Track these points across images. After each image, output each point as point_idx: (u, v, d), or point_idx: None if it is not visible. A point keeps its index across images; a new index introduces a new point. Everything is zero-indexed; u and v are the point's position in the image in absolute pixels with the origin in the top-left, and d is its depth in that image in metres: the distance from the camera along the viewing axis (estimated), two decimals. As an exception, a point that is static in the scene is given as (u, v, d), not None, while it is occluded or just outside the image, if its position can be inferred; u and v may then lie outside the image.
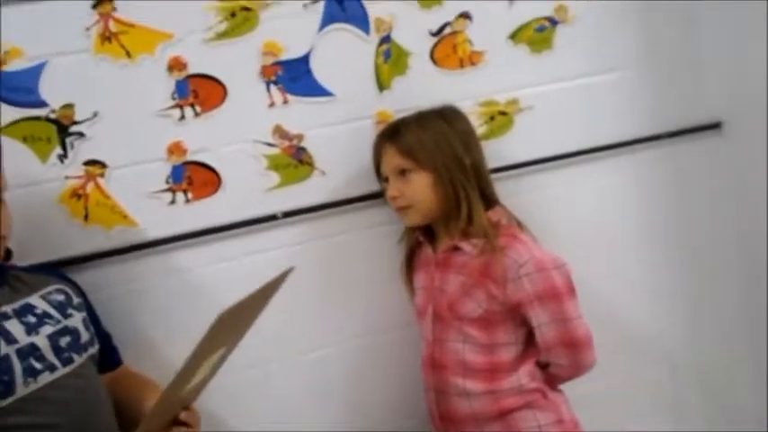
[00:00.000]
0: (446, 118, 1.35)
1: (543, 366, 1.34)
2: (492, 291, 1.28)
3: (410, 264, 1.47)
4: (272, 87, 1.45)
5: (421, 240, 1.43)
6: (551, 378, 1.35)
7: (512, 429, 1.30)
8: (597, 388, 1.53)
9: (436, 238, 1.40)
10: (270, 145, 1.46)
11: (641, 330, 1.71)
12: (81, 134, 1.37)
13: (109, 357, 1.28)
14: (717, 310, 1.77)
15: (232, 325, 1.01)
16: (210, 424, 1.40)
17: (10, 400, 1.02)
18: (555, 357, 1.30)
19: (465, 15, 1.54)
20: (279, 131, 1.47)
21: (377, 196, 1.48)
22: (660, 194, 1.69)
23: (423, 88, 1.51)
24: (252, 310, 1.07)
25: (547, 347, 1.29)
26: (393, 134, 1.36)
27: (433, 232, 1.41)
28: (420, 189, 1.33)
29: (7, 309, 1.10)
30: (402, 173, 1.34)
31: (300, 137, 1.48)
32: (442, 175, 1.31)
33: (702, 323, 1.76)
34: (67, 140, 1.36)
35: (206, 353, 0.98)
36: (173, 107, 1.41)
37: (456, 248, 1.34)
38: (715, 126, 1.70)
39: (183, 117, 1.41)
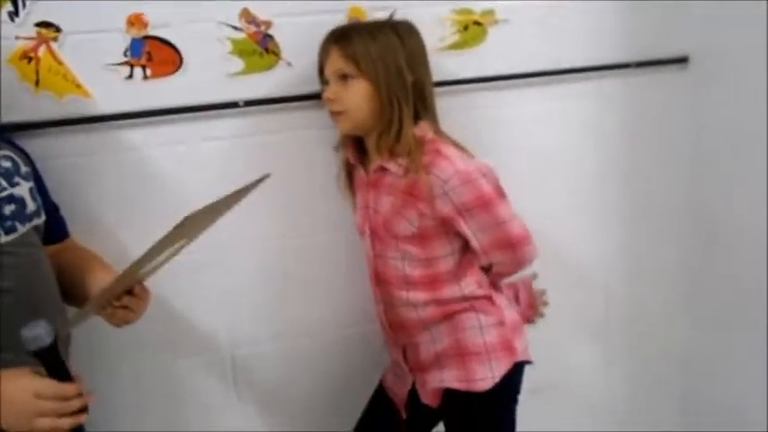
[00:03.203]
0: (399, 32, 1.32)
1: (487, 269, 1.39)
2: (421, 209, 1.30)
3: (351, 185, 1.48)
4: (244, -33, 1.39)
5: (351, 162, 1.43)
6: (496, 276, 1.41)
7: (455, 327, 1.36)
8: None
9: (367, 157, 1.40)
10: (236, 28, 1.41)
11: (582, 255, 1.78)
12: (34, -9, 1.29)
13: (55, 229, 1.26)
14: (658, 245, 1.84)
15: (198, 222, 1.01)
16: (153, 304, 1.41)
17: (-52, 261, 1.01)
18: (494, 258, 1.35)
19: None
20: (246, 15, 1.41)
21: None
22: (620, 124, 1.72)
23: (399, -13, 1.47)
24: (220, 210, 1.07)
25: (484, 251, 1.33)
26: (341, 37, 1.33)
27: (365, 150, 1.41)
28: (356, 97, 1.31)
29: (-51, 171, 1.07)
30: (343, 77, 1.31)
31: (268, 23, 1.43)
32: (381, 88, 1.29)
33: (642, 255, 1.83)
34: (19, -2, 1.28)
35: (167, 244, 0.98)
36: (135, -26, 1.33)
37: (384, 169, 1.34)
38: (682, 60, 1.71)
39: (145, -13, 1.34)
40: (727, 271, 1.75)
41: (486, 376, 1.34)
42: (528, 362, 1.40)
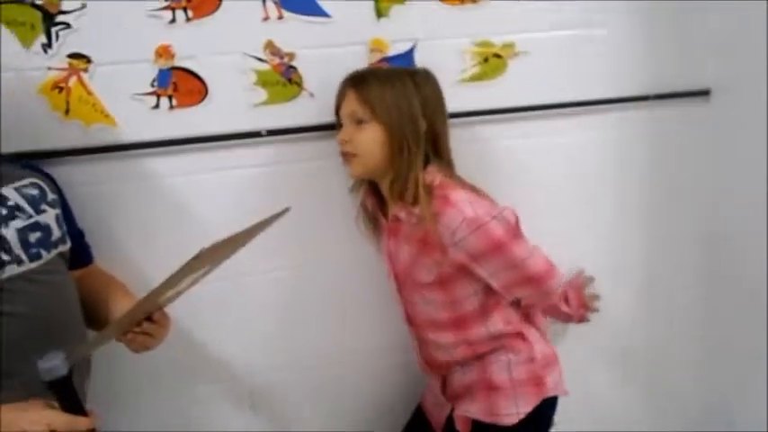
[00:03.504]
0: (416, 80, 1.32)
1: (518, 302, 1.38)
2: (436, 257, 1.29)
3: (375, 227, 1.49)
4: (268, 1, 1.42)
5: (371, 209, 1.45)
6: (527, 308, 1.40)
7: (484, 364, 1.37)
8: (556, 329, 1.61)
9: (385, 202, 1.41)
10: (260, 60, 1.44)
11: (602, 287, 1.74)
12: (67, 25, 1.32)
13: (80, 254, 1.28)
14: (678, 277, 1.82)
15: (217, 252, 1.02)
16: (173, 331, 1.43)
17: (-25, 287, 1.03)
18: (519, 294, 1.35)
19: (473, -50, 1.51)
20: (270, 47, 1.44)
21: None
22: (641, 156, 1.71)
23: (421, 20, 1.49)
24: (240, 241, 1.08)
25: (506, 290, 1.33)
26: (358, 81, 1.34)
27: (383, 198, 1.41)
28: (369, 141, 1.31)
29: (-22, 197, 1.09)
30: (357, 121, 1.32)
31: (292, 55, 1.45)
32: (394, 135, 1.30)
33: (662, 287, 1.81)
34: (53, 30, 1.32)
35: (186, 273, 0.99)
36: (164, 8, 1.36)
37: (398, 219, 1.35)
38: (704, 93, 1.71)
39: (174, 20, 1.37)
40: (747, 301, 1.73)
41: (511, 412, 1.34)
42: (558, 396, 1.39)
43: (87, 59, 1.35)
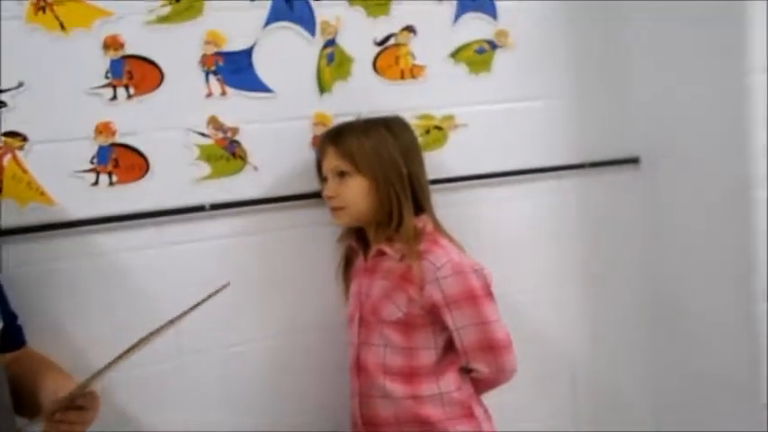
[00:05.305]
0: (391, 128, 1.37)
1: (468, 371, 1.37)
2: (411, 294, 1.31)
3: (347, 274, 1.48)
4: (211, 78, 1.44)
5: (353, 247, 1.45)
6: (476, 384, 1.39)
7: None
8: (504, 399, 1.59)
9: (368, 245, 1.42)
10: (203, 135, 1.44)
11: (547, 347, 1.77)
12: (3, 104, 1.30)
13: (12, 337, 1.21)
14: (617, 333, 1.85)
15: (152, 337, 1.01)
16: (117, 411, 1.37)
17: None
18: (474, 362, 1.34)
19: (410, 29, 1.57)
20: (214, 122, 1.45)
21: (308, 197, 1.49)
22: (577, 221, 1.77)
23: (363, 95, 1.53)
24: (173, 323, 1.06)
25: (465, 351, 1.32)
26: (336, 136, 1.38)
27: (367, 239, 1.43)
28: (355, 192, 1.35)
29: None
30: (341, 174, 1.36)
31: (235, 130, 1.46)
32: (379, 183, 1.34)
33: (602, 344, 1.84)
34: (-13, 109, 1.30)
35: (119, 361, 0.98)
36: (105, 86, 1.36)
37: (382, 253, 1.37)
38: (633, 161, 1.80)
39: (114, 97, 1.37)
40: (686, 357, 1.77)
41: None
42: None
43: (23, 137, 1.32)
